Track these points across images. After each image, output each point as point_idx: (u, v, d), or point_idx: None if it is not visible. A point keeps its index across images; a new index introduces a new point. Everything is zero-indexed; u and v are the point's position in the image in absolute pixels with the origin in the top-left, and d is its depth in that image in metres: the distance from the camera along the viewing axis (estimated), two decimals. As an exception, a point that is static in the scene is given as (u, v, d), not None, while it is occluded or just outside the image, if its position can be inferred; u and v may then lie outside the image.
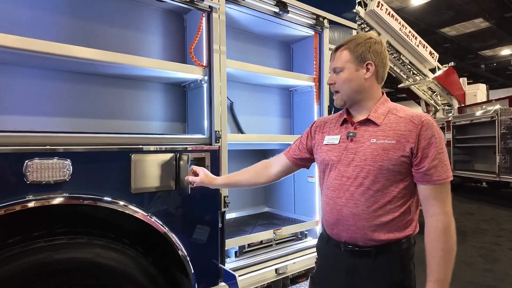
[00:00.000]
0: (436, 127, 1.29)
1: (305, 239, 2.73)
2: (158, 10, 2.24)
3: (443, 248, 1.24)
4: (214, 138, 2.05)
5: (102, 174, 1.62)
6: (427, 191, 1.27)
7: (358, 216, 1.31)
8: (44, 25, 1.84)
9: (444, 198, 1.27)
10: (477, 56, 14.90)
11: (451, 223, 1.26)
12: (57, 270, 1.46)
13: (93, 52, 1.69)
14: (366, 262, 1.32)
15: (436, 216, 1.26)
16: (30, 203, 1.42)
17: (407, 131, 1.28)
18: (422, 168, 1.25)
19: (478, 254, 4.61)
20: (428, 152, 1.25)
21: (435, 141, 1.26)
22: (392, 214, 1.29)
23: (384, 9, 7.93)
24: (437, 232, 1.25)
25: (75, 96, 1.98)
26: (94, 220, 1.70)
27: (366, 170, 1.30)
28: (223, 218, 2.08)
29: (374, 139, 1.31)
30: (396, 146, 1.27)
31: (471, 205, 7.82)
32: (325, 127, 1.52)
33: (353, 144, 1.35)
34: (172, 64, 2.01)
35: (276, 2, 2.33)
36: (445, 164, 1.27)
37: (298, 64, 2.97)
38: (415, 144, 1.26)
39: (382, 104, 1.39)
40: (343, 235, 1.36)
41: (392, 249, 1.31)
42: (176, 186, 1.84)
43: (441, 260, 1.23)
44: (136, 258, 1.69)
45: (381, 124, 1.33)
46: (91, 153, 1.59)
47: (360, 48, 1.35)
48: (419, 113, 1.33)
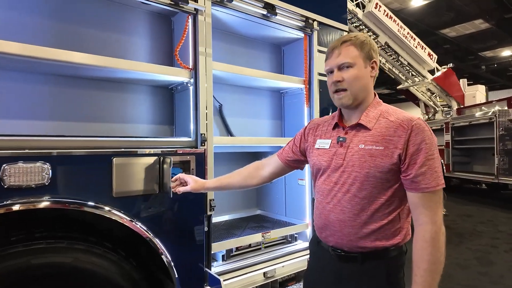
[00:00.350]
0: (427, 132, 1.23)
1: (295, 242, 2.71)
2: (145, 13, 2.23)
3: (429, 259, 1.18)
4: (199, 141, 2.03)
5: (83, 178, 1.61)
6: (415, 199, 1.22)
7: (344, 223, 1.29)
8: (28, 28, 1.83)
9: (433, 206, 1.20)
10: (478, 57, 14.85)
11: (439, 233, 1.19)
12: (35, 275, 1.45)
13: (76, 55, 1.68)
14: (352, 267, 1.30)
15: (424, 226, 1.20)
16: (14, 206, 1.42)
17: (396, 136, 1.23)
18: (409, 175, 1.21)
19: (473, 256, 4.58)
20: (416, 158, 1.20)
21: (425, 146, 1.20)
22: (380, 222, 1.25)
23: (382, 10, 7.92)
24: (423, 243, 1.19)
25: (60, 100, 1.96)
26: (75, 224, 1.69)
27: (353, 177, 1.27)
28: (209, 222, 2.07)
29: (362, 145, 1.27)
30: (384, 152, 1.23)
31: (470, 207, 7.78)
32: (318, 129, 1.49)
33: (342, 149, 1.32)
34: (157, 67, 2.00)
35: (264, 4, 2.32)
36: (435, 171, 1.20)
37: (289, 66, 2.96)
38: (403, 150, 1.21)
39: (374, 107, 1.34)
40: (330, 240, 1.36)
41: (380, 256, 1.28)
42: (160, 190, 1.83)
43: (426, 273, 1.18)
44: (118, 262, 1.68)
45: (372, 128, 1.29)
46: (71, 157, 1.58)
47: (365, 45, 1.31)
48: (410, 117, 1.27)
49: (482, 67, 15.61)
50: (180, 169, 1.94)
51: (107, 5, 2.07)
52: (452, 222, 6.41)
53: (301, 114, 2.77)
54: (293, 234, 2.72)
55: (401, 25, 8.31)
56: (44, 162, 1.49)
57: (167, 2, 1.94)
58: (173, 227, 1.90)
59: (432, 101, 10.64)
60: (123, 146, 1.75)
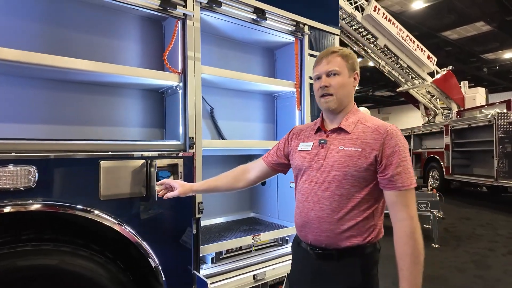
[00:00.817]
0: (400, 137, 1.36)
1: (286, 245, 2.72)
2: (137, 18, 2.26)
3: (412, 253, 1.27)
4: (188, 144, 2.05)
5: (69, 181, 1.63)
6: (393, 197, 1.32)
7: (322, 219, 1.37)
8: (19, 34, 1.86)
9: (409, 203, 1.32)
10: (480, 59, 14.78)
11: (417, 228, 1.30)
12: (20, 277, 1.47)
13: (66, 60, 1.71)
14: (329, 265, 1.38)
15: (403, 221, 1.31)
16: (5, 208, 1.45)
17: (373, 139, 1.35)
18: (387, 174, 1.32)
19: (471, 260, 4.56)
20: (392, 159, 1.31)
21: (399, 149, 1.32)
22: (355, 219, 1.35)
23: (381, 13, 7.93)
24: (405, 237, 1.29)
25: (52, 104, 1.99)
26: (63, 227, 1.71)
27: (332, 175, 1.37)
28: (197, 225, 2.08)
29: (342, 146, 1.39)
30: (361, 153, 1.34)
31: (469, 210, 7.75)
32: (301, 134, 1.60)
33: (324, 150, 1.43)
34: (146, 71, 2.02)
35: (254, 9, 2.34)
36: (408, 171, 1.33)
37: (281, 70, 2.98)
38: (380, 152, 1.33)
39: (353, 113, 1.46)
40: (309, 237, 1.43)
41: (355, 253, 1.35)
42: (147, 193, 1.85)
43: (411, 265, 1.27)
44: (105, 265, 1.70)
45: (351, 132, 1.41)
46: (57, 160, 1.60)
47: (350, 58, 1.45)
48: (385, 124, 1.41)
49: (484, 69, 15.54)
50: (168, 172, 1.97)
51: (98, 10, 2.10)
52: (451, 225, 6.38)
53: (293, 117, 2.78)
54: (284, 237, 2.72)
55: (400, 28, 8.32)
56: (31, 165, 1.52)
57: (156, 7, 1.96)
58: (161, 230, 1.92)
59: (432, 104, 10.61)
60: (111, 150, 1.78)
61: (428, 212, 5.27)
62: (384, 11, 8.05)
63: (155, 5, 1.95)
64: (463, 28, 11.67)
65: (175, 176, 1.99)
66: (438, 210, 5.24)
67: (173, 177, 1.99)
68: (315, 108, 2.73)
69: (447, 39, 12.60)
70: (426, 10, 10.36)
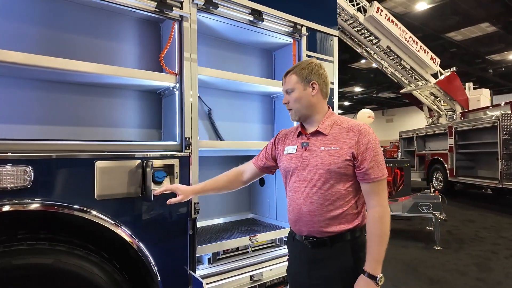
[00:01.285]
0: (372, 134, 1.53)
1: (283, 246, 2.71)
2: (134, 20, 2.28)
3: (378, 234, 1.47)
4: (184, 144, 2.07)
5: (65, 181, 1.65)
6: (367, 188, 1.51)
7: (313, 213, 1.53)
8: (18, 36, 1.89)
9: (380, 192, 1.51)
10: (485, 60, 14.66)
11: (386, 213, 1.49)
12: (15, 276, 1.48)
13: (62, 62, 1.73)
14: (323, 251, 1.54)
15: (374, 208, 1.50)
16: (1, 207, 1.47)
17: (348, 139, 1.52)
18: (362, 168, 1.49)
19: (473, 262, 4.52)
20: (366, 155, 1.49)
21: (371, 146, 1.50)
22: (342, 209, 1.52)
23: (384, 14, 7.91)
24: (374, 220, 1.49)
25: (49, 105, 2.02)
26: (59, 226, 1.73)
27: (318, 174, 1.53)
28: (193, 225, 2.09)
29: (323, 147, 1.55)
30: (340, 152, 1.51)
31: (473, 212, 7.67)
32: (286, 138, 1.76)
33: (307, 152, 1.59)
34: (143, 72, 2.04)
35: (251, 10, 2.35)
36: (380, 164, 1.51)
37: (279, 71, 2.98)
38: (355, 149, 1.49)
39: (328, 117, 1.62)
40: (303, 230, 1.59)
41: (345, 238, 1.53)
42: (143, 193, 1.86)
43: (376, 244, 1.47)
44: (100, 264, 1.71)
45: (328, 134, 1.57)
46: (53, 160, 1.62)
47: (304, 71, 1.60)
48: (358, 123, 1.57)
49: (490, 70, 15.41)
50: (164, 173, 1.98)
51: (97, 12, 2.13)
52: (454, 228, 6.32)
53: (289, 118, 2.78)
54: (282, 238, 2.72)
55: (403, 29, 8.29)
56: (27, 165, 1.54)
57: (152, 9, 1.98)
58: (157, 230, 1.93)
59: (435, 105, 10.54)
60: (106, 150, 1.79)
61: (430, 214, 5.23)
62: (386, 12, 8.02)
63: (152, 7, 1.97)
64: (467, 29, 11.58)
65: (171, 176, 2.00)
66: (440, 212, 5.20)
67: (169, 177, 2.00)
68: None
69: (451, 40, 12.51)
70: (429, 11, 10.31)
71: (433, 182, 10.03)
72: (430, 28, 11.34)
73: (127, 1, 1.90)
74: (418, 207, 5.32)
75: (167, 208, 1.96)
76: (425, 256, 4.72)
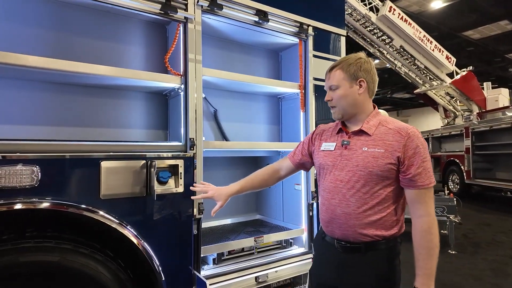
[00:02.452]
0: (421, 138, 1.45)
1: (290, 247, 2.70)
2: (140, 22, 2.32)
3: (428, 246, 1.38)
4: (189, 145, 2.08)
5: (71, 180, 1.69)
6: (413, 195, 1.43)
7: (349, 215, 1.47)
8: (26, 39, 1.95)
9: (428, 201, 1.42)
10: (504, 59, 14.21)
11: (434, 224, 1.40)
12: (21, 273, 1.53)
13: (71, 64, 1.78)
14: (356, 257, 1.47)
15: (421, 218, 1.41)
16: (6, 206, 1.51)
17: (395, 141, 1.43)
18: (408, 174, 1.40)
19: (489, 267, 4.38)
20: (413, 160, 1.40)
21: (420, 151, 1.41)
22: (380, 214, 1.44)
23: (397, 13, 7.77)
24: (422, 232, 1.40)
25: (58, 106, 2.07)
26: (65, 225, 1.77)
27: (357, 175, 1.45)
28: (198, 225, 2.10)
29: (365, 148, 1.47)
30: (384, 154, 1.43)
31: (490, 216, 7.43)
32: (323, 134, 1.69)
33: (347, 151, 1.52)
34: (147, 73, 2.07)
35: (256, 11, 2.36)
36: (428, 171, 1.42)
37: (286, 72, 2.97)
38: (402, 153, 1.41)
39: (374, 116, 1.54)
40: (336, 232, 1.52)
41: (380, 246, 1.45)
42: (147, 193, 1.88)
43: (426, 256, 1.38)
44: (104, 262, 1.74)
45: (372, 134, 1.49)
46: (59, 160, 1.66)
47: (352, 67, 1.51)
48: (406, 126, 1.48)
49: (510, 69, 14.92)
50: (169, 173, 2.00)
51: (105, 16, 2.17)
52: (470, 231, 6.14)
53: (298, 118, 2.77)
54: (288, 239, 2.71)
55: (416, 28, 8.11)
56: (34, 165, 1.58)
57: (157, 11, 2.01)
58: (161, 230, 1.95)
59: (451, 105, 10.27)
60: (112, 150, 1.82)
61: (445, 217, 5.09)
62: (399, 11, 7.87)
63: (156, 10, 2.00)
64: (485, 27, 11.25)
65: (176, 176, 2.02)
66: (455, 215, 5.06)
67: (174, 178, 2.02)
68: (320, 109, 2.71)
69: (469, 39, 12.18)
70: (445, 9, 10.07)
71: (449, 184, 9.77)
72: (446, 27, 11.07)
73: (132, 3, 1.93)
74: (433, 208, 5.19)
75: (172, 208, 1.98)
76: (439, 260, 4.57)
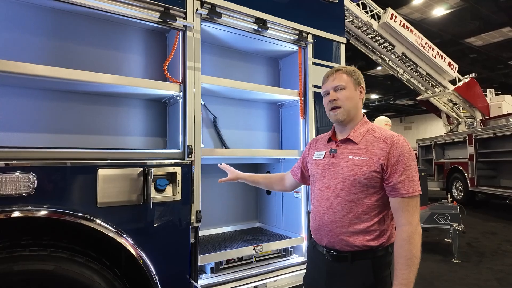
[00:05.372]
0: (406, 146, 1.44)
1: (289, 256, 2.67)
2: (140, 30, 2.33)
3: (406, 255, 1.35)
4: (187, 152, 2.07)
5: (68, 188, 1.68)
6: (395, 203, 1.41)
7: (335, 223, 1.47)
8: (27, 48, 1.96)
9: (410, 210, 1.39)
10: (508, 66, 14.17)
11: (414, 233, 1.37)
12: (16, 281, 1.51)
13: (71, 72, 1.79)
14: (343, 266, 1.47)
15: (402, 227, 1.39)
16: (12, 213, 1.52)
17: (379, 149, 1.44)
18: (390, 182, 1.40)
19: (494, 277, 4.29)
20: (396, 168, 1.40)
21: (403, 158, 1.40)
22: (366, 223, 1.44)
23: (398, 21, 7.79)
24: (401, 241, 1.37)
25: (58, 114, 2.07)
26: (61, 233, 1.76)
27: (342, 183, 1.47)
28: (196, 233, 2.08)
29: (351, 156, 1.49)
30: (368, 162, 1.44)
31: (495, 224, 7.32)
32: (317, 144, 1.72)
33: (334, 159, 1.54)
34: (146, 81, 2.07)
35: (255, 19, 2.36)
36: (412, 179, 1.40)
37: (286, 79, 2.97)
38: (385, 161, 1.41)
39: (362, 125, 1.56)
40: (324, 240, 1.53)
41: (367, 255, 1.44)
42: (144, 201, 1.87)
43: (404, 266, 1.35)
44: (100, 271, 1.72)
45: (359, 142, 1.51)
46: (56, 168, 1.66)
47: (354, 74, 1.57)
48: (392, 134, 1.49)
49: (513, 76, 14.87)
50: (166, 180, 1.98)
51: (105, 24, 2.18)
52: (474, 240, 6.05)
53: (297, 125, 2.76)
54: (288, 248, 2.67)
55: (418, 35, 8.12)
56: (30, 173, 1.58)
57: (156, 20, 2.02)
58: (158, 238, 1.93)
59: (454, 112, 10.22)
60: (109, 158, 1.82)
61: (448, 226, 5.03)
62: (401, 18, 7.90)
63: (156, 18, 2.01)
64: (488, 34, 11.25)
65: (173, 184, 2.01)
66: (458, 223, 4.99)
67: (171, 185, 2.01)
68: (320, 117, 2.70)
69: (471, 45, 12.18)
70: (448, 16, 10.09)
71: (453, 191, 9.67)
72: (448, 34, 11.08)
73: (132, 12, 1.95)
74: (435, 218, 5.13)
75: (169, 216, 1.97)
76: (442, 270, 4.53)
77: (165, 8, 2.02)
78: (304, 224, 2.67)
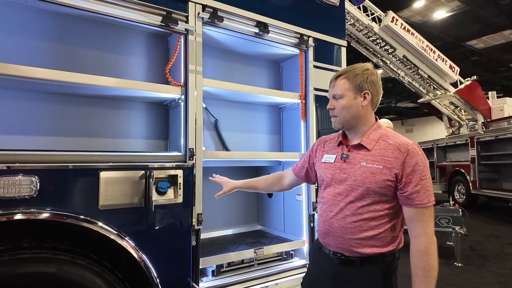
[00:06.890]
0: (421, 156, 1.41)
1: (291, 259, 2.66)
2: (142, 34, 2.35)
3: (424, 267, 1.34)
4: (188, 155, 2.08)
5: (70, 191, 1.69)
6: (410, 213, 1.40)
7: (345, 229, 1.45)
8: (29, 51, 1.97)
9: (426, 220, 1.38)
10: (509, 68, 14.16)
11: (431, 244, 1.36)
12: (18, 284, 1.51)
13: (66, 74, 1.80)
14: (351, 270, 1.45)
15: (418, 237, 1.37)
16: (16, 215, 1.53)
17: (394, 158, 1.40)
18: (405, 192, 1.38)
19: (496, 281, 4.27)
20: (411, 178, 1.37)
21: (419, 168, 1.38)
22: (377, 230, 1.41)
23: (399, 23, 7.81)
24: (418, 252, 1.36)
25: (59, 117, 2.09)
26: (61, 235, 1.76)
27: (355, 190, 1.44)
28: (197, 236, 2.08)
29: (364, 162, 1.45)
30: (382, 170, 1.40)
31: (497, 227, 7.29)
32: (325, 146, 1.67)
33: (346, 165, 1.50)
34: (147, 84, 2.08)
35: (256, 23, 2.38)
36: (427, 189, 1.38)
37: (287, 82, 2.98)
38: (400, 170, 1.38)
39: (375, 130, 1.51)
40: (332, 245, 1.51)
41: (376, 261, 1.43)
42: (146, 204, 1.87)
43: (423, 279, 1.34)
44: (102, 274, 1.72)
45: (372, 149, 1.46)
46: (58, 170, 1.66)
47: (358, 78, 1.48)
48: (406, 141, 1.44)
49: (515, 79, 14.85)
50: (168, 183, 1.99)
51: (107, 28, 2.20)
52: (476, 243, 6.02)
53: (298, 128, 2.77)
54: (289, 251, 2.67)
55: (419, 38, 8.14)
56: (33, 175, 1.59)
57: (158, 24, 2.04)
58: (159, 241, 1.93)
59: (456, 115, 10.22)
60: (111, 161, 1.83)
61: (450, 229, 5.01)
62: (402, 21, 7.92)
63: (157, 22, 2.03)
64: (489, 36, 11.26)
65: (175, 187, 2.01)
66: (460, 227, 4.97)
67: (173, 188, 2.01)
68: (321, 120, 2.70)
69: (472, 48, 12.19)
70: (449, 19, 10.11)
71: (455, 194, 9.64)
72: (450, 37, 11.10)
73: (134, 16, 1.96)
74: (437, 221, 5.10)
75: (170, 219, 1.97)
76: (445, 273, 4.50)
77: (167, 12, 2.03)
78: (306, 227, 2.66)
